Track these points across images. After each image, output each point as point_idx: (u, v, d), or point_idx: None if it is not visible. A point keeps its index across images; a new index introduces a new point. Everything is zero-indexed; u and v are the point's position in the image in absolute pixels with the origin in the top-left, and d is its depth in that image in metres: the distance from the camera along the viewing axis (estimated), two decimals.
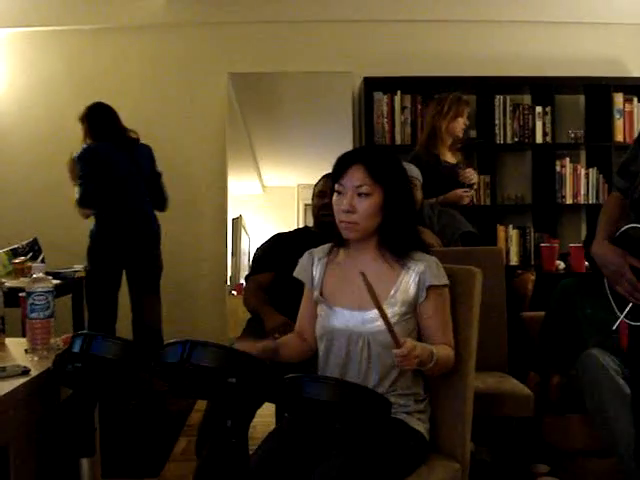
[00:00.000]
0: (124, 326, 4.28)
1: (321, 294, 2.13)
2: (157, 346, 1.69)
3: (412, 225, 2.13)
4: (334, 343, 2.04)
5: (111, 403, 3.16)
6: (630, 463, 2.33)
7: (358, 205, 1.99)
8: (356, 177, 1.99)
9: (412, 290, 2.02)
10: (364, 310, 2.00)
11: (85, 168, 4.15)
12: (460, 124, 4.16)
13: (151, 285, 4.43)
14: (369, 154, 2.07)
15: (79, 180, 4.15)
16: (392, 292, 2.02)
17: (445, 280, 2.05)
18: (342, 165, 2.04)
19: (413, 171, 3.66)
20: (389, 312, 1.95)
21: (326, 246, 2.20)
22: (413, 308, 2.03)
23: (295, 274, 2.21)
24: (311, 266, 2.18)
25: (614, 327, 2.24)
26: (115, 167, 4.24)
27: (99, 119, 4.28)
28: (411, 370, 2.02)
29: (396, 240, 2.05)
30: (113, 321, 4.24)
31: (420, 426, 2.04)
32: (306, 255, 2.22)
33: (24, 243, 4.45)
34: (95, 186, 4.16)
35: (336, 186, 2.04)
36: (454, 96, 4.19)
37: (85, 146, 4.21)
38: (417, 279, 2.02)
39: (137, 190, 4.36)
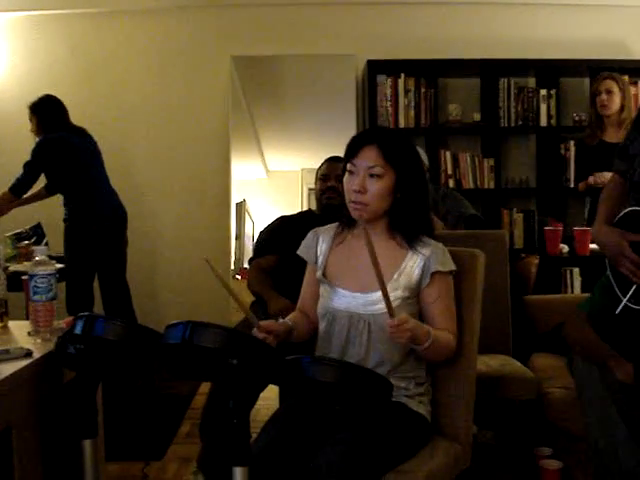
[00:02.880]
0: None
1: (324, 274, 2.12)
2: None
3: (424, 209, 2.11)
4: (335, 324, 2.04)
5: (115, 384, 3.17)
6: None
7: (369, 186, 1.97)
8: (369, 157, 1.97)
9: (416, 275, 2.01)
10: (366, 292, 1.99)
11: (39, 159, 4.18)
12: (597, 102, 4.27)
13: (122, 268, 4.47)
14: (383, 135, 2.05)
15: (26, 167, 4.18)
16: (395, 276, 2.01)
17: (451, 266, 2.04)
18: (355, 145, 2.02)
19: (420, 155, 3.67)
20: (392, 295, 1.95)
21: (332, 226, 2.19)
22: (416, 293, 2.03)
23: (299, 252, 2.21)
24: (315, 245, 2.17)
25: (617, 311, 2.23)
26: (82, 154, 4.28)
27: (52, 111, 4.28)
28: (412, 354, 2.02)
29: (407, 223, 2.04)
30: (92, 304, 4.26)
31: (421, 408, 2.04)
32: (311, 234, 2.21)
33: (27, 227, 4.47)
34: (34, 180, 4.22)
35: (348, 166, 2.02)
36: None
37: (48, 136, 4.21)
38: (422, 264, 2.01)
39: (102, 176, 4.40)
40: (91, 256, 4.24)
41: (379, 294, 1.85)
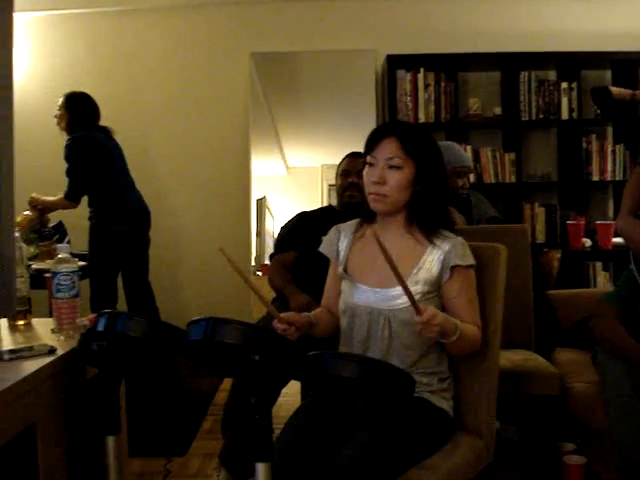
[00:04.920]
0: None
1: (345, 270, 2.12)
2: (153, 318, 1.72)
3: (443, 203, 2.11)
4: (356, 320, 2.04)
5: (138, 381, 3.19)
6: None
7: (388, 177, 1.98)
8: (388, 149, 1.98)
9: (436, 269, 2.00)
10: (387, 288, 1.99)
11: (78, 160, 4.18)
12: None
13: (145, 267, 4.49)
14: (403, 127, 2.06)
15: (68, 174, 4.20)
16: (415, 270, 2.01)
17: (471, 260, 2.02)
18: (375, 137, 2.03)
19: (466, 161, 3.65)
20: (412, 290, 1.94)
21: (353, 222, 2.19)
22: (437, 287, 2.02)
23: (321, 249, 2.21)
24: (337, 241, 2.17)
25: None
26: (109, 154, 4.30)
27: (85, 110, 4.29)
28: (434, 350, 2.02)
29: (425, 216, 2.03)
30: (115, 302, 4.28)
31: (444, 404, 2.03)
32: (333, 230, 2.21)
33: (50, 226, 4.48)
34: (84, 181, 4.22)
35: (368, 158, 2.03)
36: None
37: (77, 135, 4.21)
38: (442, 258, 2.00)
39: (127, 176, 4.42)
40: (115, 255, 4.26)
41: (399, 288, 1.85)
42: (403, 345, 1.97)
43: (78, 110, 4.26)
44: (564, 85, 4.94)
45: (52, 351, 1.89)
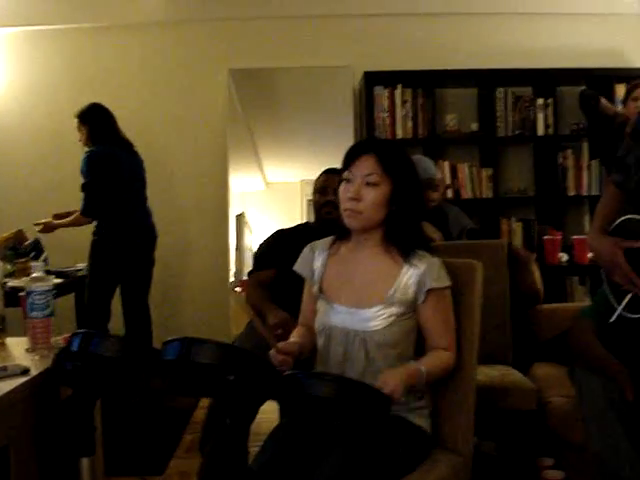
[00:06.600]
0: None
1: (321, 289, 2.11)
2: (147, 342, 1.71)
3: (419, 222, 2.11)
4: (332, 340, 2.02)
5: (113, 401, 3.15)
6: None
7: (365, 194, 1.97)
8: (366, 166, 1.98)
9: (411, 291, 1.99)
10: (362, 308, 1.98)
11: (93, 175, 4.14)
12: (631, 107, 3.97)
13: (145, 288, 4.44)
14: (381, 145, 2.07)
15: (84, 188, 4.16)
16: (391, 292, 1.99)
17: (446, 282, 2.02)
18: (353, 154, 2.03)
19: (432, 173, 3.66)
20: (387, 312, 1.95)
21: (327, 239, 2.18)
22: (412, 308, 2.01)
23: (295, 268, 2.19)
24: (312, 260, 2.15)
25: (612, 319, 2.23)
26: (124, 170, 4.25)
27: (102, 121, 4.27)
28: None
29: (402, 235, 2.02)
30: (107, 320, 4.24)
31: (422, 421, 2.03)
32: (307, 249, 2.20)
33: (26, 243, 4.45)
34: (100, 195, 4.15)
35: (345, 174, 2.03)
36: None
37: (95, 149, 4.18)
38: (417, 280, 1.98)
39: (140, 194, 4.38)
40: (115, 272, 4.22)
41: (374, 310, 1.85)
42: (379, 366, 1.95)
43: (95, 122, 4.24)
44: (540, 101, 4.99)
45: (26, 371, 1.87)
